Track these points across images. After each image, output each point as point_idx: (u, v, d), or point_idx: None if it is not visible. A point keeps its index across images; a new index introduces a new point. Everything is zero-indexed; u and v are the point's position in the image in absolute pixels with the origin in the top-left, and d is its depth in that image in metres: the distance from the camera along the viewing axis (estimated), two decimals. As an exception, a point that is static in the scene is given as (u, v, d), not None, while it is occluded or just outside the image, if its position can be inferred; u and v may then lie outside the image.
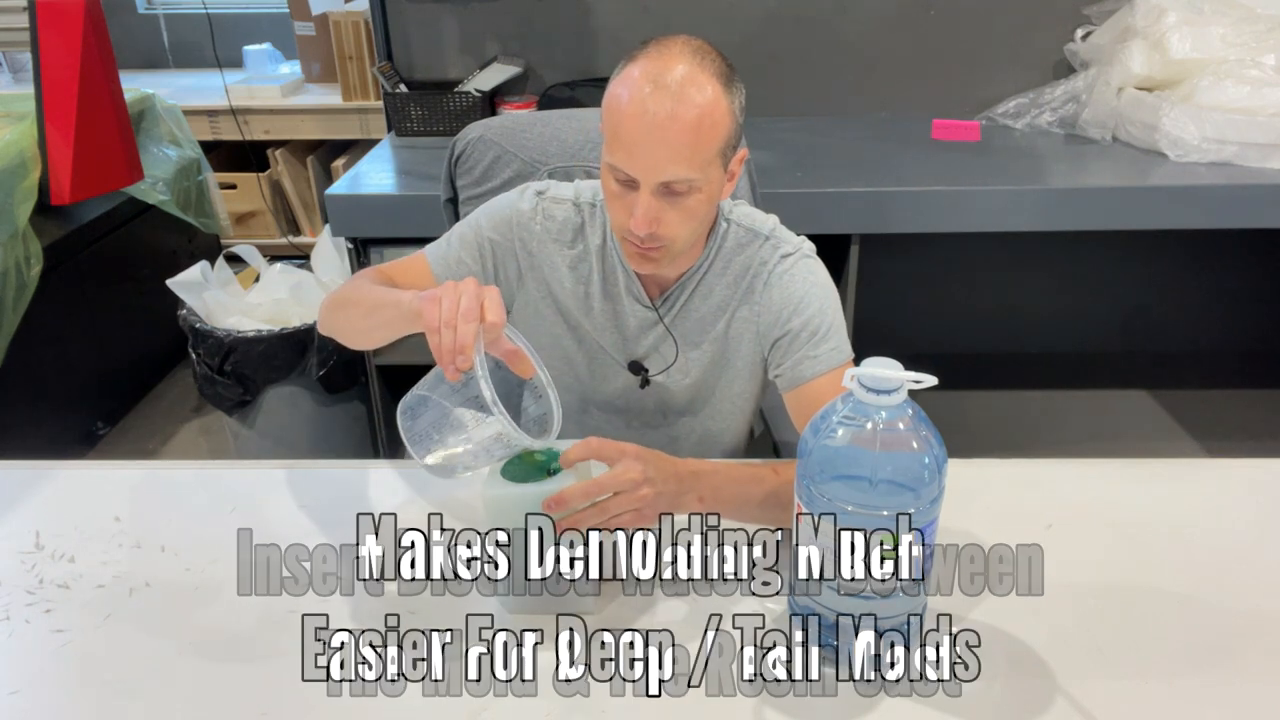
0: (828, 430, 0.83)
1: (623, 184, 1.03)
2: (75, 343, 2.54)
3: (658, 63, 0.99)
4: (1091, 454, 1.24)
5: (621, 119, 1.00)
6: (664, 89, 0.98)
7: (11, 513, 1.12)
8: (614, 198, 1.05)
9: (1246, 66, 2.13)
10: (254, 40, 3.66)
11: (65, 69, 2.30)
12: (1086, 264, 2.71)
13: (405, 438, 0.90)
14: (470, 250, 1.18)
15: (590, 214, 1.19)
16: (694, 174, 1.00)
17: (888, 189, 2.06)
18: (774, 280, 1.15)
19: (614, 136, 1.01)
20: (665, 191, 1.01)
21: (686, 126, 0.98)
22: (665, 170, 1.00)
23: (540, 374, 0.93)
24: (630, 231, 1.03)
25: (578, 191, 1.20)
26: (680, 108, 0.97)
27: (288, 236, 3.51)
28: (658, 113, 0.97)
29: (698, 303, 1.18)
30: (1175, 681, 0.86)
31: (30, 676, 0.89)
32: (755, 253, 1.16)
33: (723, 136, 1.01)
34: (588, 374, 1.24)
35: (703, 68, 1.00)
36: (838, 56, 2.54)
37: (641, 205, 1.01)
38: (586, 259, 1.19)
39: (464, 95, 2.40)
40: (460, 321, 0.85)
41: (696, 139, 0.99)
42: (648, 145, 0.99)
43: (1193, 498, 1.12)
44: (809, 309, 1.13)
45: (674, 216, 1.03)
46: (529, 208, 1.18)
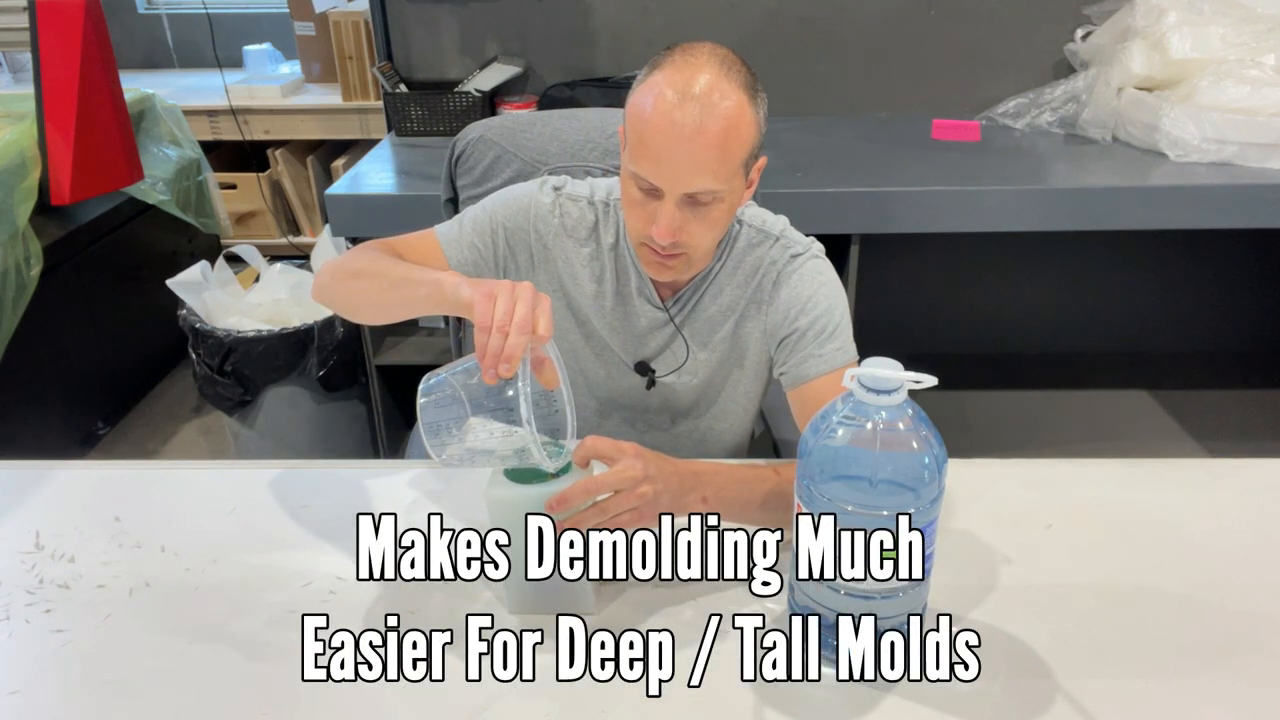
0: (828, 430, 0.83)
1: (645, 192, 1.03)
2: (75, 343, 2.54)
3: (684, 72, 0.99)
4: (1091, 454, 1.24)
5: (647, 129, 0.99)
6: (691, 99, 0.97)
7: (11, 513, 1.12)
8: (635, 205, 1.04)
9: (1246, 66, 2.13)
10: (254, 40, 3.66)
11: (65, 69, 2.30)
12: (1086, 264, 2.71)
13: (421, 422, 0.88)
14: (483, 234, 1.17)
15: (604, 212, 1.18)
16: (719, 185, 1.00)
17: (888, 189, 2.06)
18: (783, 280, 1.15)
19: (639, 145, 1.00)
20: (689, 202, 1.01)
21: (714, 139, 0.97)
22: (691, 182, 0.99)
23: (564, 389, 0.93)
24: (651, 239, 1.03)
25: (592, 189, 1.19)
26: (708, 120, 0.97)
27: (288, 236, 3.51)
28: (685, 124, 0.97)
29: (708, 303, 1.18)
30: (1175, 681, 0.86)
31: (30, 676, 0.89)
32: (766, 253, 1.16)
33: (748, 148, 1.01)
34: (594, 370, 1.24)
35: (729, 78, 0.99)
36: (838, 56, 2.54)
37: (665, 215, 1.01)
38: (599, 258, 1.18)
39: (464, 95, 2.40)
40: (514, 331, 0.82)
41: (723, 151, 0.98)
42: (674, 157, 0.98)
43: (1193, 498, 1.12)
44: (816, 308, 1.13)
45: (697, 226, 1.03)
46: (549, 201, 1.18)
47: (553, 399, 0.93)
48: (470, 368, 0.86)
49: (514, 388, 0.83)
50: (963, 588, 0.97)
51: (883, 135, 2.43)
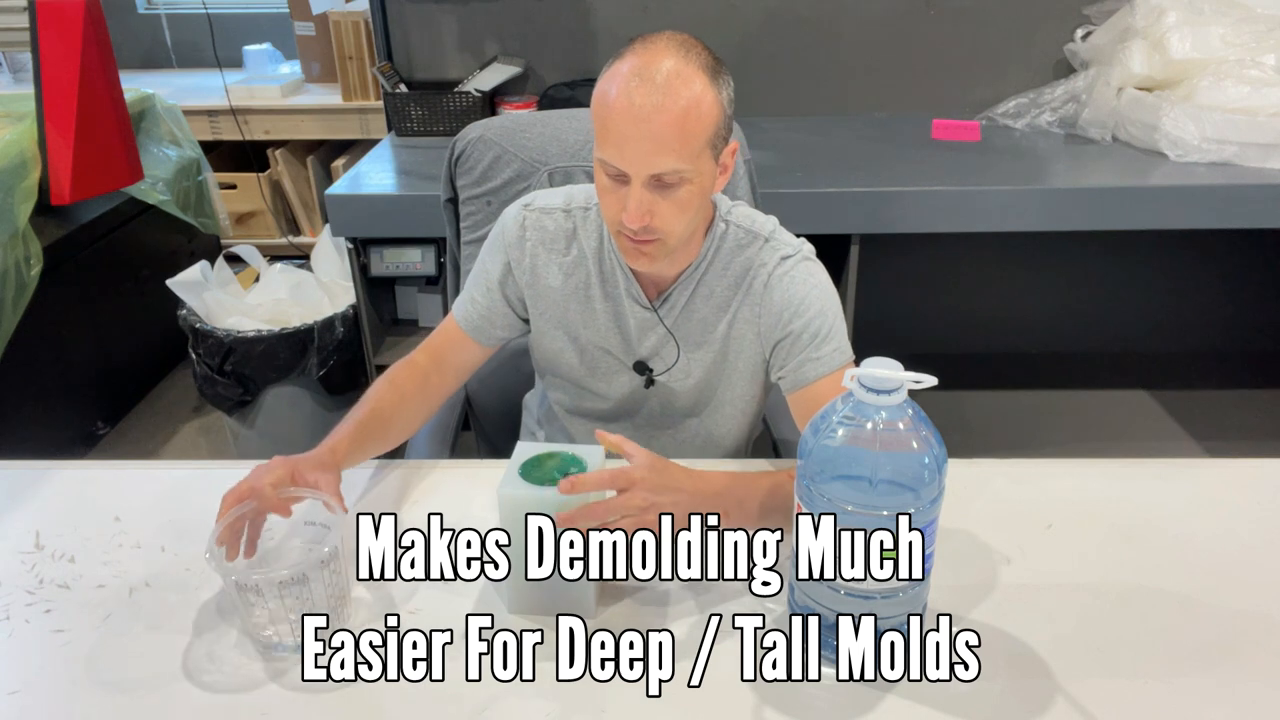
0: (828, 430, 0.83)
1: (614, 179, 1.04)
2: (75, 343, 2.54)
3: (643, 57, 1.01)
4: (1091, 454, 1.24)
5: (609, 113, 1.01)
6: (649, 82, 0.99)
7: (11, 513, 1.12)
8: (606, 193, 1.06)
9: (1246, 66, 2.13)
10: (254, 40, 3.66)
11: (65, 69, 2.30)
12: (1086, 264, 2.71)
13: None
14: (480, 289, 1.22)
15: (583, 218, 1.19)
16: (683, 165, 1.01)
17: (888, 189, 2.06)
18: (774, 283, 1.15)
19: (603, 130, 1.02)
20: (656, 184, 1.02)
21: (673, 118, 0.99)
22: (654, 162, 1.00)
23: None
24: (624, 225, 1.04)
25: (569, 197, 1.21)
26: (666, 100, 0.98)
27: (288, 236, 3.51)
28: (644, 105, 0.98)
29: (699, 304, 1.18)
30: (1175, 681, 0.86)
31: (30, 676, 0.89)
32: (755, 254, 1.16)
33: (710, 127, 1.02)
34: (592, 382, 1.25)
35: (688, 60, 1.01)
36: (838, 56, 2.54)
37: (633, 198, 1.02)
38: (583, 263, 1.19)
39: (464, 95, 2.40)
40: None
41: (683, 130, 0.99)
42: (635, 138, 0.99)
43: (1193, 498, 1.12)
44: (809, 311, 1.13)
45: (666, 208, 1.04)
46: (516, 226, 1.20)
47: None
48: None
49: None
50: (963, 588, 0.97)
51: (883, 135, 2.43)
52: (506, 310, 1.23)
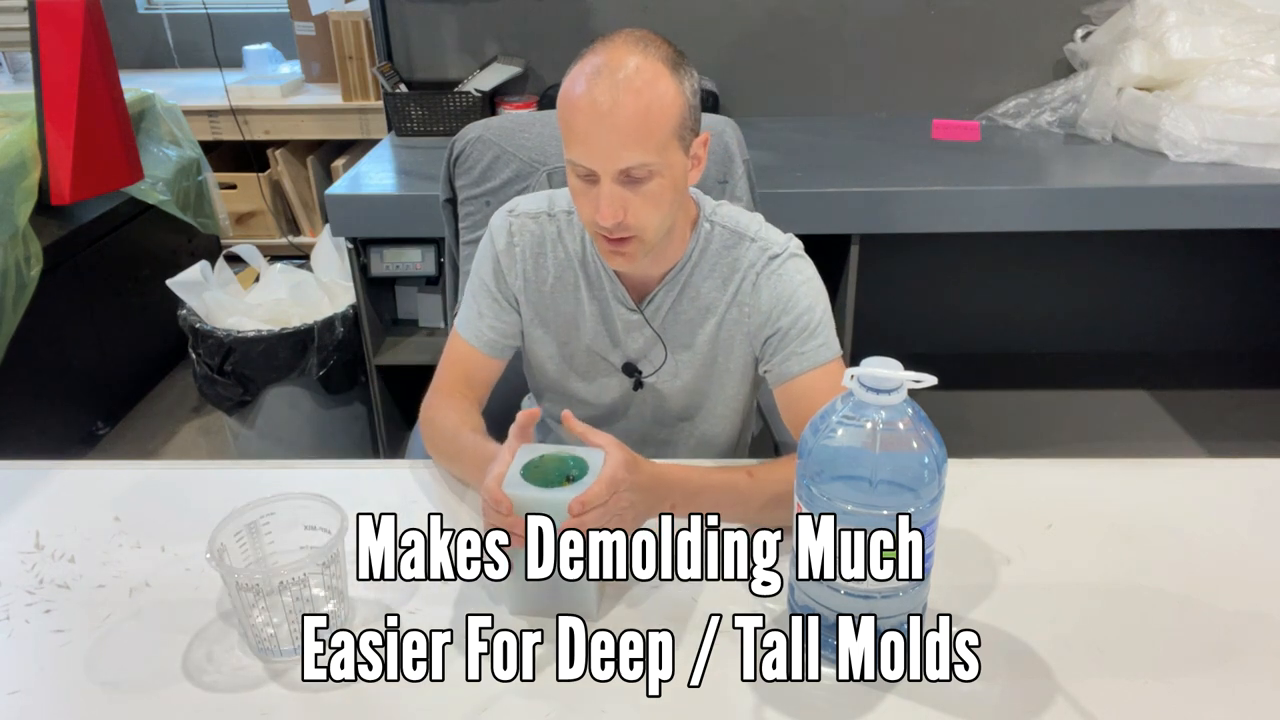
0: (828, 430, 0.83)
1: (584, 179, 1.04)
2: (75, 343, 2.54)
3: (603, 55, 1.01)
4: (1091, 454, 1.24)
5: (573, 113, 1.01)
6: (610, 78, 0.99)
7: (11, 513, 1.12)
8: (580, 195, 1.06)
9: (1246, 66, 2.13)
10: (254, 40, 3.66)
11: (65, 69, 2.30)
12: (1086, 264, 2.71)
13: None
14: (486, 302, 1.22)
15: (567, 221, 1.19)
16: (650, 158, 1.01)
17: (888, 189, 2.06)
18: (763, 282, 1.15)
19: (569, 131, 1.03)
20: (626, 179, 1.02)
21: (633, 111, 0.99)
22: (621, 157, 1.00)
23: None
24: (599, 225, 1.04)
25: (551, 201, 1.21)
26: (624, 94, 0.99)
27: (288, 236, 3.51)
28: (605, 101, 0.99)
29: (685, 305, 1.18)
30: (1175, 681, 0.86)
31: (30, 676, 0.89)
32: (743, 254, 1.16)
33: (674, 118, 1.02)
34: (580, 388, 1.25)
35: (647, 54, 1.01)
36: (838, 56, 2.54)
37: (604, 195, 1.02)
38: (570, 267, 1.19)
39: (464, 95, 2.40)
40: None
41: (645, 123, 1.00)
42: (599, 134, 1.00)
43: (1193, 498, 1.12)
44: (797, 307, 1.13)
45: (638, 204, 1.03)
46: (503, 232, 1.20)
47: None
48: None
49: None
50: (963, 588, 0.97)
51: (883, 135, 2.43)
52: (514, 318, 1.22)
